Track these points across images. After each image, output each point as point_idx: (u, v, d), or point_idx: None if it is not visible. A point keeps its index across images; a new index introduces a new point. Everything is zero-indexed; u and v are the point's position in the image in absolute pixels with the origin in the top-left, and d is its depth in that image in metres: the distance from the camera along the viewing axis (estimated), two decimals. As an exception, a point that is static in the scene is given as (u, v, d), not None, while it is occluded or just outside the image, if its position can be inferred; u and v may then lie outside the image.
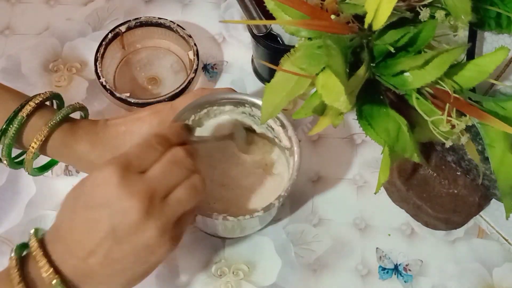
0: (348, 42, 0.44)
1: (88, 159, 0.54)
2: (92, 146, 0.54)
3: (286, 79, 0.45)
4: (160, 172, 0.42)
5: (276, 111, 0.46)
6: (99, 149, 0.54)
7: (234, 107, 0.59)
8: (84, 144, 0.54)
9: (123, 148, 0.51)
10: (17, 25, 0.77)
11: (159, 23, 0.72)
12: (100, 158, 0.54)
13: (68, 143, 0.54)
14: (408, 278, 0.63)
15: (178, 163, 0.43)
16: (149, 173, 0.42)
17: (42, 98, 0.54)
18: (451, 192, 0.62)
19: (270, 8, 0.48)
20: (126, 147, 0.51)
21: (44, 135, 0.52)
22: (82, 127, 0.55)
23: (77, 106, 0.56)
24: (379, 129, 0.45)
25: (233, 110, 0.59)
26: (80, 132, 0.55)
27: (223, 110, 0.59)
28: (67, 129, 0.54)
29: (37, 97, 0.54)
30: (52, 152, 0.55)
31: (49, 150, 0.55)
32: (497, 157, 0.46)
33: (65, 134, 0.54)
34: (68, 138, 0.54)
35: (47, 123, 0.53)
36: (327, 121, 0.46)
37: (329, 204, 0.66)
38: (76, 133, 0.55)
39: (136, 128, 0.54)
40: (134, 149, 0.43)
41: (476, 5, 0.44)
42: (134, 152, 0.43)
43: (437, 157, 0.63)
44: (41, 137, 0.52)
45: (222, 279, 0.62)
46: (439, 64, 0.42)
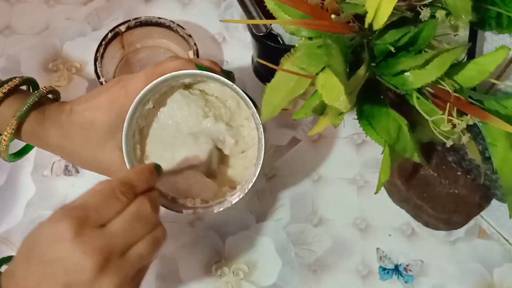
0: (349, 42, 0.44)
1: (60, 146, 0.53)
2: (61, 139, 0.53)
3: (286, 79, 0.45)
4: (120, 229, 0.40)
5: (276, 110, 0.46)
6: (67, 143, 0.53)
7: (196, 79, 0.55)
8: (52, 135, 0.53)
9: (89, 142, 0.52)
10: (16, 25, 0.77)
11: (159, 22, 0.72)
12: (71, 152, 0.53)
13: (37, 133, 0.53)
14: (409, 279, 0.63)
15: (142, 219, 0.41)
16: (109, 228, 0.40)
17: (9, 86, 0.52)
18: (452, 192, 0.62)
19: (270, 7, 0.48)
20: (92, 140, 0.52)
21: (13, 127, 0.51)
22: (49, 117, 0.53)
23: (44, 91, 0.54)
24: (379, 129, 0.45)
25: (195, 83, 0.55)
26: (47, 123, 0.53)
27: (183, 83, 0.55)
28: (35, 119, 0.53)
29: (5, 85, 0.52)
30: (25, 140, 0.54)
31: (22, 137, 0.54)
32: (500, 156, 0.46)
33: (33, 124, 0.52)
34: (37, 128, 0.53)
35: (15, 114, 0.51)
36: (327, 121, 0.46)
37: (330, 204, 0.66)
38: (44, 124, 0.53)
39: (97, 118, 0.52)
40: (95, 199, 0.40)
41: (476, 5, 0.44)
42: (94, 203, 0.40)
43: (438, 157, 0.63)
44: (10, 130, 0.51)
45: (222, 279, 0.62)
46: (439, 63, 0.42)
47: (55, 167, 0.68)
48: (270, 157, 0.69)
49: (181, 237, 0.64)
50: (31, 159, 0.68)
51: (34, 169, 0.67)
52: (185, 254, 0.63)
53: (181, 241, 0.64)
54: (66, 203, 0.41)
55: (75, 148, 0.53)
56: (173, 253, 0.63)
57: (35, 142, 0.54)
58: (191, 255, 0.63)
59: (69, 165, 0.68)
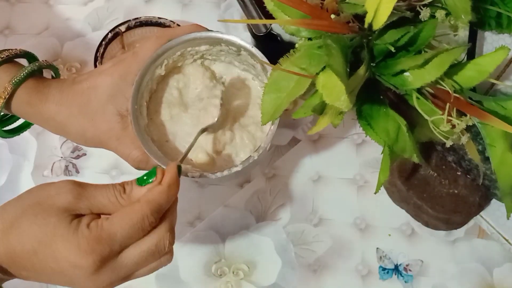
0: (349, 42, 0.44)
1: (56, 121, 0.51)
2: (58, 105, 0.51)
3: (285, 78, 0.45)
4: (133, 262, 0.41)
5: (278, 113, 0.46)
6: (65, 109, 0.51)
7: (210, 46, 0.54)
8: (49, 104, 0.51)
9: (89, 106, 0.50)
10: (17, 25, 0.77)
11: (159, 22, 0.72)
12: (68, 119, 0.51)
13: (33, 102, 0.51)
14: (409, 278, 0.63)
15: (157, 254, 0.42)
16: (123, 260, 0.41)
17: (9, 53, 0.51)
18: (452, 192, 0.62)
19: (270, 8, 0.48)
20: (92, 104, 0.50)
21: (8, 92, 0.49)
22: (48, 86, 0.52)
23: (44, 63, 0.53)
24: (378, 129, 0.45)
25: (209, 49, 0.55)
26: (46, 91, 0.51)
27: (199, 50, 0.55)
28: (33, 86, 0.51)
29: (4, 51, 0.51)
30: (18, 111, 0.52)
31: (14, 109, 0.52)
32: (498, 157, 0.46)
33: (30, 92, 0.51)
34: (33, 97, 0.51)
35: (11, 79, 0.50)
36: (326, 121, 0.46)
37: (330, 204, 0.66)
38: (41, 91, 0.51)
39: (99, 82, 0.51)
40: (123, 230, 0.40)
41: (476, 5, 0.44)
42: (121, 236, 0.40)
43: (438, 157, 0.63)
44: (4, 94, 0.50)
45: (222, 279, 0.62)
46: (439, 63, 0.42)
47: (55, 167, 0.68)
48: (270, 157, 0.69)
49: (181, 237, 0.64)
50: (31, 160, 0.68)
51: (35, 169, 0.67)
52: (185, 254, 0.63)
53: (181, 241, 0.64)
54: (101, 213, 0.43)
55: (73, 112, 0.51)
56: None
57: (27, 112, 0.52)
58: (191, 255, 0.63)
59: (69, 165, 0.68)
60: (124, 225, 0.40)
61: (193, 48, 0.54)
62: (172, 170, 0.44)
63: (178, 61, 0.55)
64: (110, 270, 0.41)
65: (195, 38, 0.53)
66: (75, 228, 0.40)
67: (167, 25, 0.71)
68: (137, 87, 0.51)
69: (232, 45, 0.54)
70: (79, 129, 0.51)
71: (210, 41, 0.54)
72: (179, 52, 0.54)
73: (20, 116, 0.54)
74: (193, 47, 0.54)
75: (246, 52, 0.53)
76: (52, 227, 0.40)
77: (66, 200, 0.41)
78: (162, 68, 0.53)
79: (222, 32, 0.53)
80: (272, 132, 0.50)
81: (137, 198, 0.42)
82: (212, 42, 0.54)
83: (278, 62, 0.45)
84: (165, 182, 0.43)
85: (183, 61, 0.56)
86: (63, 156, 0.68)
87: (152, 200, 0.42)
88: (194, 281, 0.62)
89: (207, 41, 0.54)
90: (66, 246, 0.39)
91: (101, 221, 0.41)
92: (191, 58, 0.56)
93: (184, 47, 0.53)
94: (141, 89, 0.51)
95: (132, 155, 0.51)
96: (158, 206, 0.42)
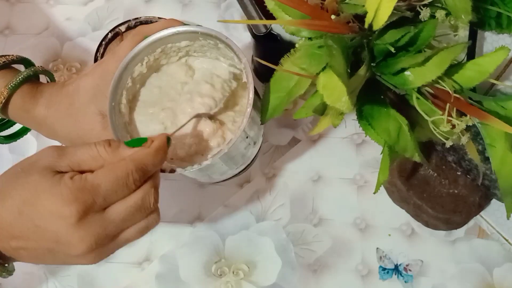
0: (349, 42, 0.44)
1: (46, 124, 0.52)
2: (47, 109, 0.52)
3: (286, 78, 0.45)
4: (120, 218, 0.41)
5: (277, 112, 0.46)
6: (53, 112, 0.52)
7: (191, 42, 0.54)
8: (40, 108, 0.52)
9: (72, 107, 0.50)
10: (17, 25, 0.77)
11: (159, 22, 0.72)
12: (56, 122, 0.51)
13: (26, 108, 0.52)
14: (409, 278, 0.63)
15: (143, 209, 0.42)
16: (109, 215, 0.41)
17: (5, 59, 0.52)
18: (452, 192, 0.62)
19: (270, 8, 0.48)
20: (75, 105, 0.50)
21: (4, 96, 0.50)
22: (41, 91, 0.53)
23: (39, 69, 0.54)
24: (379, 129, 0.45)
25: (191, 45, 0.54)
26: (38, 96, 0.52)
27: (180, 46, 0.54)
28: (27, 92, 0.52)
29: (1, 57, 0.52)
30: (15, 116, 0.53)
31: (11, 114, 0.53)
32: (498, 157, 0.46)
33: (24, 97, 0.52)
34: (27, 102, 0.52)
35: (7, 84, 0.50)
36: (327, 121, 0.46)
37: (330, 204, 0.66)
38: (34, 96, 0.52)
39: (82, 83, 0.51)
40: (107, 183, 0.40)
41: (476, 5, 0.44)
42: (105, 188, 0.40)
43: (438, 157, 0.63)
44: (0, 99, 0.50)
45: (222, 279, 0.62)
46: (439, 61, 0.42)
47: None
48: (270, 157, 0.69)
49: (181, 237, 0.64)
50: (31, 159, 0.68)
51: (34, 169, 0.67)
52: (185, 254, 0.63)
53: (181, 241, 0.64)
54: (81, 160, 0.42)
55: (60, 115, 0.51)
56: (173, 253, 0.63)
57: (22, 117, 0.53)
58: (191, 255, 0.63)
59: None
60: (108, 178, 0.40)
61: (174, 45, 0.53)
62: (161, 137, 0.45)
63: (160, 58, 0.54)
64: (95, 223, 0.40)
65: (171, 33, 0.52)
66: (58, 181, 0.40)
67: (167, 25, 0.71)
68: (115, 85, 0.50)
69: (209, 38, 0.52)
70: (65, 131, 0.52)
71: (188, 36, 0.53)
72: (160, 49, 0.53)
73: (18, 121, 0.54)
74: (173, 43, 0.53)
75: (222, 44, 0.52)
76: (34, 184, 0.40)
77: (47, 160, 0.41)
78: (143, 66, 0.53)
79: (198, 25, 0.52)
80: (244, 124, 0.49)
81: (123, 156, 0.42)
82: (190, 37, 0.53)
83: (280, 63, 0.45)
84: (153, 146, 0.44)
85: (167, 59, 0.55)
86: (63, 156, 0.68)
87: (137, 159, 0.42)
88: (194, 281, 0.62)
89: (185, 36, 0.53)
90: (49, 199, 0.39)
91: (85, 175, 0.41)
92: (176, 56, 0.55)
93: (163, 43, 0.53)
94: (120, 86, 0.51)
95: None
96: (144, 165, 0.42)
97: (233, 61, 0.55)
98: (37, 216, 0.40)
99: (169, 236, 0.64)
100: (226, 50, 0.53)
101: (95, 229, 0.40)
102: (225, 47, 0.52)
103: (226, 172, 0.57)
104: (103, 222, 0.40)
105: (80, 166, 0.42)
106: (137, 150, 0.43)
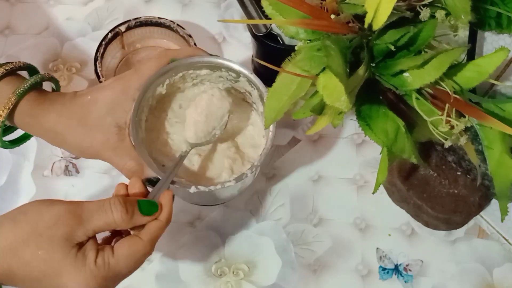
0: (348, 43, 0.44)
1: (55, 131, 0.53)
2: (58, 116, 0.53)
3: (287, 82, 0.45)
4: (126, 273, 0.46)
5: (279, 114, 0.46)
6: (65, 120, 0.53)
7: (211, 71, 0.57)
8: (50, 115, 0.53)
9: (88, 117, 0.52)
10: (17, 25, 0.77)
11: (159, 22, 0.72)
12: (67, 130, 0.53)
13: (34, 114, 0.52)
14: (409, 278, 0.63)
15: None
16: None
17: (13, 66, 0.53)
18: (452, 192, 0.62)
19: (269, 13, 0.48)
20: (91, 116, 0.52)
21: (12, 102, 0.51)
22: (50, 98, 0.53)
23: (46, 76, 0.55)
24: (377, 130, 0.45)
25: (210, 74, 0.58)
26: (47, 103, 0.53)
27: (199, 74, 0.58)
28: (35, 98, 0.53)
29: (8, 64, 0.53)
30: (20, 122, 0.53)
31: (16, 120, 0.53)
32: (495, 159, 0.46)
33: (32, 103, 0.52)
34: (35, 108, 0.52)
35: (15, 90, 0.51)
36: (325, 121, 0.46)
37: (330, 204, 0.66)
38: (43, 103, 0.53)
39: (100, 95, 0.53)
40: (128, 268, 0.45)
41: (476, 5, 0.44)
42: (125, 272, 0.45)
43: (438, 157, 0.63)
44: (8, 105, 0.51)
45: (222, 279, 0.62)
46: (438, 64, 0.41)
47: (55, 167, 0.68)
48: (270, 157, 0.69)
49: (181, 237, 0.64)
50: (31, 160, 0.68)
51: (35, 169, 0.67)
52: (185, 254, 0.63)
53: (181, 241, 0.64)
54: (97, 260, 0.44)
55: (72, 123, 0.52)
56: (173, 253, 0.63)
57: (28, 123, 0.53)
58: (191, 255, 0.63)
59: (69, 165, 0.68)
60: (129, 263, 0.45)
61: (194, 72, 0.57)
62: (169, 204, 0.49)
63: (178, 82, 0.58)
64: None
65: (197, 61, 0.56)
66: (82, 264, 0.43)
67: (167, 25, 0.72)
68: (139, 100, 0.53)
69: (232, 71, 0.56)
70: (77, 139, 0.53)
71: (211, 65, 0.56)
72: (181, 74, 0.56)
73: (21, 127, 0.55)
74: (194, 70, 0.57)
75: (245, 78, 0.56)
76: (57, 262, 0.42)
77: (65, 231, 0.43)
78: (163, 87, 0.56)
79: (223, 58, 0.56)
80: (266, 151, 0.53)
81: (138, 223, 0.47)
82: (212, 67, 0.57)
83: (281, 67, 0.46)
84: (164, 218, 0.48)
85: (183, 83, 0.58)
86: (63, 156, 0.68)
87: (154, 238, 0.47)
88: (194, 281, 0.62)
89: (208, 66, 0.56)
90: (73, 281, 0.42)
91: (107, 258, 0.44)
92: (191, 82, 0.59)
93: (186, 69, 0.56)
94: (142, 103, 0.53)
95: (127, 166, 0.53)
96: (157, 239, 0.47)
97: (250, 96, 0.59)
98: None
99: (169, 236, 0.64)
100: (246, 83, 0.57)
101: None
102: (247, 81, 0.56)
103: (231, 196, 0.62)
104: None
105: (96, 232, 0.45)
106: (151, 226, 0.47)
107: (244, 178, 0.52)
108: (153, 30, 0.73)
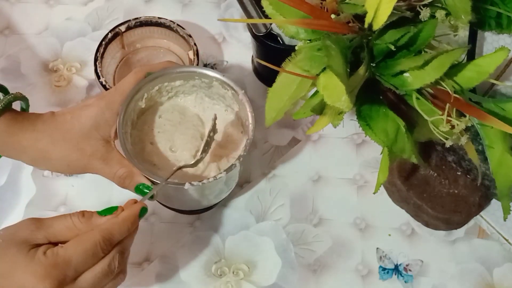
0: (348, 42, 0.44)
1: (35, 148, 0.53)
2: (38, 133, 0.53)
3: (288, 82, 0.45)
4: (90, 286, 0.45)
5: (280, 114, 0.46)
6: (47, 136, 0.53)
7: (184, 82, 0.59)
8: (29, 132, 0.52)
9: (72, 132, 0.52)
10: (16, 25, 0.77)
11: (159, 22, 0.72)
12: (51, 145, 0.53)
13: (13, 132, 0.52)
14: (409, 278, 0.63)
15: (110, 274, 0.46)
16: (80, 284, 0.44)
17: None
18: (452, 192, 0.62)
19: (269, 12, 0.48)
20: (76, 131, 0.52)
21: None
22: (27, 118, 0.53)
23: (18, 95, 0.54)
24: (377, 130, 0.45)
25: (183, 84, 0.60)
26: (26, 122, 0.53)
27: (174, 86, 0.60)
28: (11, 118, 0.52)
29: None
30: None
31: None
32: (496, 158, 0.46)
33: (8, 123, 0.52)
34: (12, 127, 0.52)
35: None
36: (325, 121, 0.46)
37: (330, 204, 0.66)
38: (21, 122, 0.53)
39: (84, 112, 0.54)
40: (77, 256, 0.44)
41: (476, 5, 0.44)
42: (75, 262, 0.44)
43: (438, 157, 0.63)
44: None
45: (222, 279, 0.62)
46: (438, 65, 0.42)
47: (55, 167, 0.68)
48: (270, 157, 0.69)
49: (181, 237, 0.64)
50: (31, 159, 0.68)
51: (35, 169, 0.67)
52: (185, 254, 0.63)
53: (181, 241, 0.64)
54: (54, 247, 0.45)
55: (55, 139, 0.53)
56: (173, 253, 0.63)
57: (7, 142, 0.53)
58: (191, 255, 0.63)
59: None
60: (78, 251, 0.44)
61: (169, 84, 0.59)
62: (132, 208, 0.49)
63: (156, 96, 0.60)
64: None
65: (171, 72, 0.58)
66: (32, 257, 0.43)
67: (167, 25, 0.71)
68: (122, 114, 0.55)
69: (205, 77, 0.59)
70: (63, 153, 0.53)
71: (184, 75, 0.59)
72: (157, 87, 0.58)
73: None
74: (169, 82, 0.59)
75: (218, 82, 0.58)
76: (11, 259, 0.43)
77: (25, 232, 0.44)
78: (142, 101, 0.58)
79: (195, 66, 0.59)
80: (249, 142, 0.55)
81: (94, 225, 0.46)
82: (186, 76, 0.59)
83: (282, 67, 0.46)
84: (120, 216, 0.48)
85: (160, 97, 0.61)
86: (63, 156, 0.68)
87: (105, 229, 0.46)
88: (194, 281, 0.62)
89: (181, 76, 0.59)
90: (23, 274, 0.42)
91: (56, 249, 0.44)
92: (166, 95, 0.61)
93: (161, 82, 0.58)
94: (125, 117, 0.55)
95: (118, 173, 0.54)
96: (110, 235, 0.46)
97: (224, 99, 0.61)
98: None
99: (169, 236, 0.64)
100: (219, 87, 0.59)
101: None
102: (219, 84, 0.59)
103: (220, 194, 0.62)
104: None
105: (57, 237, 0.45)
106: (105, 221, 0.47)
107: (233, 168, 0.54)
108: (153, 30, 0.73)
